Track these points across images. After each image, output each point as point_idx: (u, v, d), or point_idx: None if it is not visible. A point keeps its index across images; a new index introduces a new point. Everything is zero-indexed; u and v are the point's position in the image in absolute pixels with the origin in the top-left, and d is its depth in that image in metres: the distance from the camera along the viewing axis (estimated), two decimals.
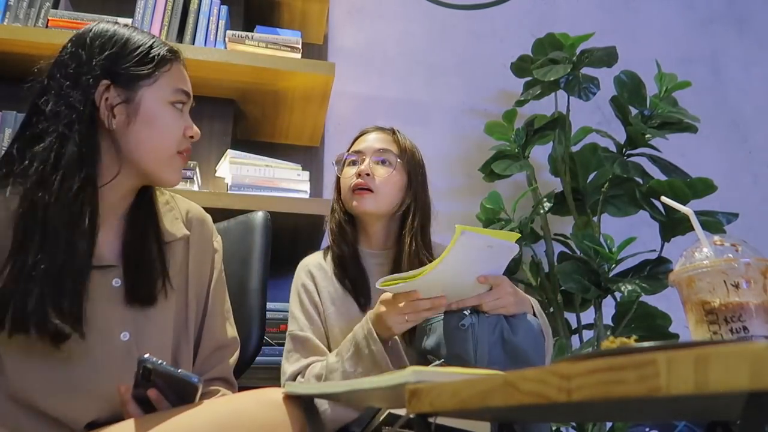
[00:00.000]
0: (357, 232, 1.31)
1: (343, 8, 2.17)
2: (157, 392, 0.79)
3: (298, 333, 1.20)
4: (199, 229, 1.05)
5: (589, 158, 1.84)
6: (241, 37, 1.64)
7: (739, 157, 2.43)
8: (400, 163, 1.28)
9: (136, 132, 0.91)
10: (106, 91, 0.90)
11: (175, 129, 0.95)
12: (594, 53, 1.85)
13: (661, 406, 0.46)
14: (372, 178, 1.25)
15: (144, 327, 0.91)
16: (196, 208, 1.08)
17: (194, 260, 1.01)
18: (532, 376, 0.41)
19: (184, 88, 0.97)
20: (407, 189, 1.29)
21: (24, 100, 1.00)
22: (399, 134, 1.34)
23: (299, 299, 1.25)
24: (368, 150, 1.30)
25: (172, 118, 0.95)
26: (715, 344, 0.33)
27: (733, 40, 2.58)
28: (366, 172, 1.25)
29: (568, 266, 1.68)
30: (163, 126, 0.93)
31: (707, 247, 0.69)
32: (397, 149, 1.30)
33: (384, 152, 1.29)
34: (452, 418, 0.74)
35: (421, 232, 1.27)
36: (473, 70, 2.23)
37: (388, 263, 1.27)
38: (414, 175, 1.30)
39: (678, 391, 0.32)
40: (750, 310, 0.63)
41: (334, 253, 1.27)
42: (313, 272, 1.27)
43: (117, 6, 1.74)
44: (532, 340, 1.07)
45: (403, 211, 1.29)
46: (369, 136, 1.34)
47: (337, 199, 1.33)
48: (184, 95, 0.97)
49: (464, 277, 1.02)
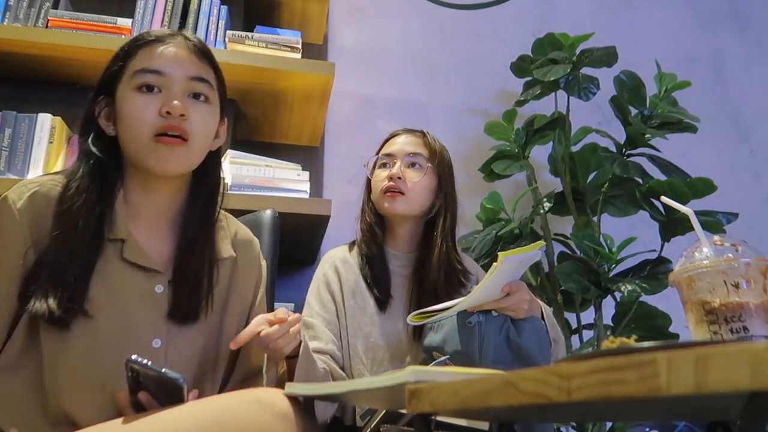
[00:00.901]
0: (385, 233, 1.34)
1: (343, 8, 2.17)
2: (148, 395, 0.78)
3: (306, 319, 1.23)
4: (246, 252, 1.04)
5: (589, 158, 1.84)
6: (241, 37, 1.64)
7: (740, 156, 2.43)
8: (430, 167, 1.31)
9: (121, 131, 0.92)
10: (100, 104, 0.94)
11: (141, 113, 0.88)
12: (594, 53, 1.85)
13: (661, 406, 0.46)
14: (403, 181, 1.28)
15: (176, 338, 0.90)
16: (244, 230, 1.07)
17: (238, 283, 1.00)
18: (532, 376, 0.41)
19: (147, 67, 0.90)
20: (437, 191, 1.32)
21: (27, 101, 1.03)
22: (429, 136, 1.36)
23: (318, 288, 1.28)
24: (399, 153, 1.32)
25: (136, 104, 0.89)
26: (715, 344, 0.33)
27: (734, 39, 2.58)
28: (398, 175, 1.27)
29: (568, 266, 1.68)
30: (128, 115, 0.90)
31: (707, 247, 0.69)
32: (427, 152, 1.33)
33: (415, 155, 1.31)
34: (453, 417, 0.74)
35: (450, 233, 1.31)
36: (473, 70, 2.23)
37: (410, 266, 1.31)
38: (444, 177, 1.33)
39: (678, 391, 0.32)
40: (750, 310, 0.63)
41: (362, 251, 1.30)
42: (338, 266, 1.30)
43: (117, 6, 1.74)
44: (537, 342, 1.08)
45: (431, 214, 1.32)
46: (399, 138, 1.36)
47: (368, 200, 1.36)
48: (146, 74, 0.90)
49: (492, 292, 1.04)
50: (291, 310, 1.57)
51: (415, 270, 1.29)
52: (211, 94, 0.96)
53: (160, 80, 0.91)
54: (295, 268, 1.81)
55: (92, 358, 0.83)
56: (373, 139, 2.08)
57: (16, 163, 1.48)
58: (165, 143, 0.88)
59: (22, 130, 1.50)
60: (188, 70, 0.93)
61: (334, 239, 1.68)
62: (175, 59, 0.92)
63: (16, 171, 1.48)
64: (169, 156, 0.89)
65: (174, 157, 0.89)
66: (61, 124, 1.54)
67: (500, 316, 1.06)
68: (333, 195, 1.88)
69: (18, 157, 1.49)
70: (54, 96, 1.70)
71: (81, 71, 1.65)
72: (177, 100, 0.89)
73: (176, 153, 0.89)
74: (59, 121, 1.53)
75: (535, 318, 1.11)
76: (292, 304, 1.60)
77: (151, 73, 0.90)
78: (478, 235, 1.83)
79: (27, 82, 1.68)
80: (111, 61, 0.95)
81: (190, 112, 0.90)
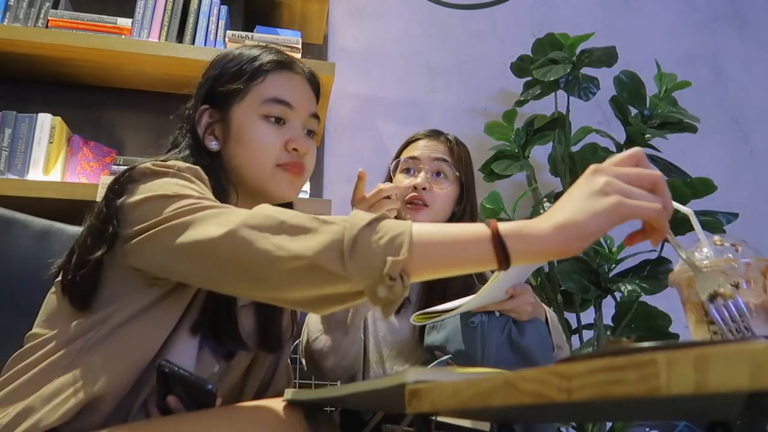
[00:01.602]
0: None
1: (343, 8, 2.17)
2: (176, 399, 0.76)
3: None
4: None
5: (589, 158, 1.84)
6: (241, 37, 1.64)
7: (740, 156, 2.43)
8: (456, 176, 1.29)
9: (232, 150, 0.91)
10: (203, 115, 0.92)
11: (266, 143, 0.89)
12: (594, 53, 1.85)
13: (661, 406, 0.46)
14: (428, 192, 1.25)
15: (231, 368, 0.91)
16: None
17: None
18: (532, 376, 0.41)
19: (278, 97, 0.91)
20: (459, 199, 1.30)
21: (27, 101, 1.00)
22: (451, 140, 1.34)
23: None
24: (424, 158, 1.29)
25: (261, 133, 0.90)
26: (715, 344, 0.33)
27: (734, 39, 2.58)
28: (423, 185, 1.24)
29: (568, 266, 1.68)
30: (251, 141, 0.89)
31: (707, 247, 0.69)
32: (452, 159, 1.30)
33: (440, 163, 1.28)
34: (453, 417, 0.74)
35: None
36: (473, 70, 2.23)
37: None
38: (468, 186, 1.31)
39: (678, 391, 0.32)
40: (750, 310, 0.63)
41: None
42: None
43: (117, 6, 1.74)
44: (540, 343, 1.08)
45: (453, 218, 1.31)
46: (421, 142, 1.33)
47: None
48: (276, 105, 0.91)
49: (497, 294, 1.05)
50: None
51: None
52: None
53: (288, 113, 0.93)
54: None
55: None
56: (373, 139, 2.09)
57: (16, 163, 1.48)
58: (289, 171, 0.91)
59: (22, 130, 1.50)
60: (310, 107, 0.96)
61: None
62: (303, 93, 0.95)
63: (16, 171, 1.48)
64: (292, 185, 0.93)
65: (295, 186, 0.93)
66: (61, 124, 1.54)
67: (503, 317, 1.06)
68: (333, 195, 1.88)
69: (18, 157, 1.49)
70: (54, 96, 1.70)
71: (81, 71, 1.65)
72: (302, 138, 0.92)
73: (296, 183, 0.93)
74: (59, 121, 1.53)
75: (538, 320, 1.11)
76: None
77: (282, 105, 0.92)
78: None
79: (27, 82, 1.69)
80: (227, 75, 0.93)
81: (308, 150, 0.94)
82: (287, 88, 0.93)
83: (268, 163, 0.90)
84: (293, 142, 0.91)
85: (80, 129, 1.65)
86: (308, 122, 0.95)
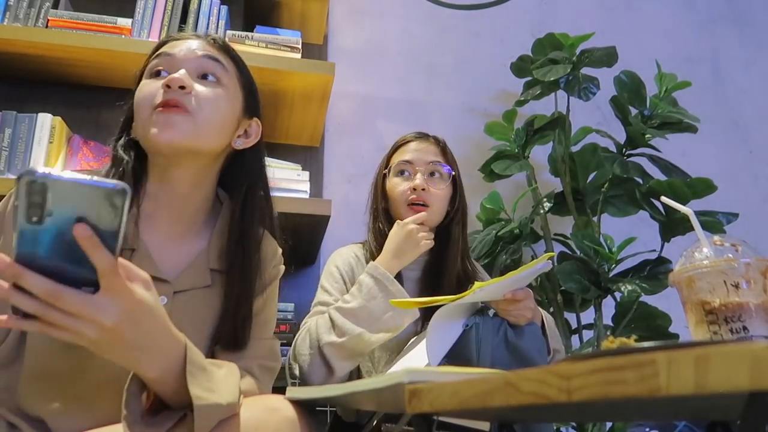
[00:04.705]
0: None
1: (343, 8, 2.17)
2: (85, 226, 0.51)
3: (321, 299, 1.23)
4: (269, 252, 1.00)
5: (589, 158, 1.84)
6: (240, 37, 1.64)
7: (740, 156, 2.43)
8: (450, 176, 1.33)
9: (134, 123, 0.91)
10: (131, 100, 0.93)
11: (145, 94, 0.87)
12: (594, 53, 1.85)
13: (661, 406, 0.46)
14: (427, 193, 1.28)
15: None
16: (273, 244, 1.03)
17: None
18: (532, 376, 0.41)
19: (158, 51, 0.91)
20: (452, 200, 1.34)
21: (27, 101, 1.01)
22: (441, 141, 1.38)
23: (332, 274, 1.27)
24: (419, 161, 1.32)
25: (141, 90, 0.89)
26: (715, 344, 0.33)
27: (734, 40, 2.58)
28: (422, 186, 1.28)
29: (568, 266, 1.68)
30: (136, 101, 0.89)
31: (707, 247, 0.69)
32: (445, 159, 1.35)
33: (435, 165, 1.32)
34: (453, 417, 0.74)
35: (462, 236, 1.33)
36: (473, 70, 2.23)
37: (420, 269, 1.31)
38: (459, 185, 1.36)
39: (678, 391, 0.32)
40: (750, 310, 0.63)
41: (375, 255, 1.27)
42: (351, 261, 1.31)
43: (117, 6, 1.74)
44: (535, 344, 1.08)
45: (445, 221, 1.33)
46: (412, 145, 1.35)
47: (380, 205, 1.34)
48: (155, 59, 0.90)
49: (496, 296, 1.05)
50: (291, 311, 1.58)
51: (426, 274, 1.30)
52: (225, 77, 0.92)
53: (169, 62, 0.89)
54: (295, 268, 1.81)
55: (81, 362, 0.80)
56: (373, 139, 2.09)
57: (16, 163, 1.48)
58: (163, 111, 0.84)
59: (22, 130, 1.50)
60: (197, 52, 0.90)
61: (334, 239, 1.68)
62: (188, 45, 0.92)
63: (16, 171, 1.48)
64: (169, 121, 0.84)
65: (173, 122, 0.84)
66: (61, 124, 1.54)
67: (496, 318, 1.06)
68: (333, 195, 1.88)
69: (18, 157, 1.49)
70: (54, 96, 1.70)
71: (81, 71, 1.65)
72: (178, 76, 0.85)
73: (175, 119, 0.84)
74: (59, 121, 1.53)
75: (533, 323, 1.11)
76: (292, 304, 1.59)
77: (161, 57, 0.90)
78: (478, 235, 1.83)
79: (27, 82, 1.68)
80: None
81: (196, 89, 0.87)
82: (169, 46, 0.91)
83: (147, 110, 0.85)
84: (167, 81, 0.85)
85: (80, 129, 1.65)
86: (199, 62, 0.89)
